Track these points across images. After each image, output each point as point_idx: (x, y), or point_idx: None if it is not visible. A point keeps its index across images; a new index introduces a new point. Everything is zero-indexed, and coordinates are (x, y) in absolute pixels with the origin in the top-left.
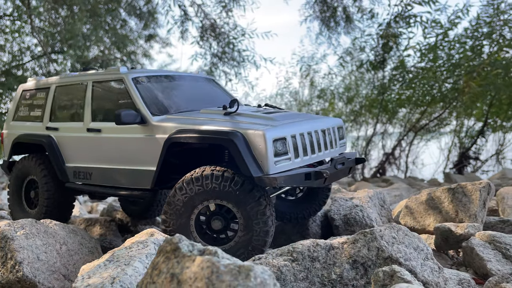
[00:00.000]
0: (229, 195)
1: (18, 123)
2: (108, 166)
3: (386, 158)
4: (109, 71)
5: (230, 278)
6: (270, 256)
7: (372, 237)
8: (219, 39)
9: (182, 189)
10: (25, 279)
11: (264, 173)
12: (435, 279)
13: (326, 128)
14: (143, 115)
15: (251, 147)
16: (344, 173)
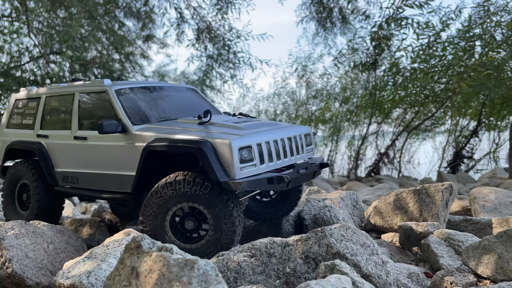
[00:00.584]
0: (200, 198)
1: (11, 131)
2: (93, 171)
3: (380, 157)
4: (94, 83)
5: (177, 269)
6: (232, 252)
7: (323, 235)
8: (215, 41)
9: (158, 193)
10: (14, 275)
11: (230, 178)
12: (378, 272)
13: (293, 135)
14: (124, 125)
15: (219, 155)
16: (308, 177)
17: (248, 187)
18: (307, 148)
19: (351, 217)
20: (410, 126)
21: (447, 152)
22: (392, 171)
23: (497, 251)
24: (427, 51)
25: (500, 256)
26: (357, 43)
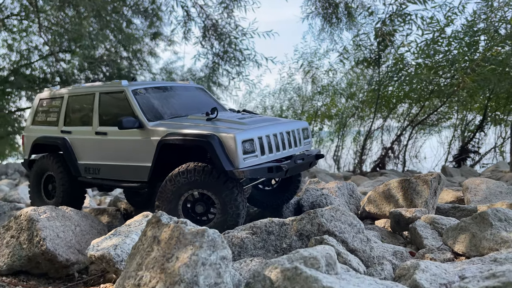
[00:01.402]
0: (209, 185)
1: (36, 127)
2: (113, 163)
3: (385, 152)
4: (113, 84)
5: (191, 236)
6: (236, 230)
7: (315, 215)
8: (221, 38)
9: (172, 181)
10: (47, 252)
11: (235, 167)
12: (363, 247)
13: (291, 130)
14: (141, 121)
15: (225, 147)
16: (305, 167)
17: (250, 175)
18: (305, 141)
19: (347, 205)
20: (415, 121)
21: (453, 147)
22: (397, 165)
23: (472, 231)
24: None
25: (474, 235)
26: (361, 39)
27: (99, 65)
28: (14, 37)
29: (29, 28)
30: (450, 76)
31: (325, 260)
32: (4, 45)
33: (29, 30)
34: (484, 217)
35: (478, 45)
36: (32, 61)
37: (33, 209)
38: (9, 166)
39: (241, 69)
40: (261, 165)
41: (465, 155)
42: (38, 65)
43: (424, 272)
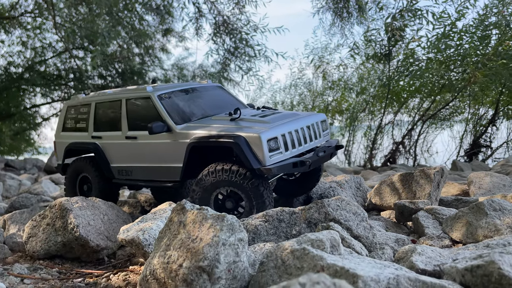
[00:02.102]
0: (236, 184)
1: (67, 134)
2: (145, 165)
3: (396, 147)
4: (138, 90)
5: (212, 220)
6: (250, 219)
7: (322, 205)
8: (232, 34)
9: (202, 180)
10: (80, 238)
11: (262, 165)
12: (366, 234)
13: (311, 124)
14: (169, 125)
15: (251, 147)
16: (326, 158)
17: (277, 172)
18: (324, 133)
19: (355, 197)
20: (426, 115)
21: (465, 141)
22: (408, 160)
23: (468, 219)
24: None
25: (470, 224)
26: (372, 34)
27: (111, 62)
28: (29, 35)
29: (43, 25)
30: (461, 71)
31: (330, 243)
32: (19, 43)
33: (43, 27)
34: (480, 207)
35: (490, 39)
36: (46, 58)
37: (66, 199)
38: (27, 161)
39: (252, 64)
40: (286, 161)
41: (477, 150)
42: (52, 62)
43: (420, 255)
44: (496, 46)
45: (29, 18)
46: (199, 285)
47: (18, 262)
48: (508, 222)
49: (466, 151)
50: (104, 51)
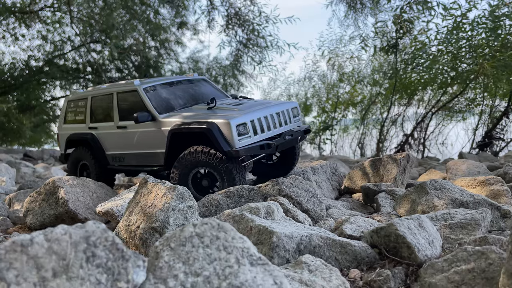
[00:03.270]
0: (212, 165)
1: (68, 126)
2: (135, 152)
3: (405, 139)
4: (127, 84)
5: (165, 190)
6: (214, 194)
7: (277, 182)
8: (244, 26)
9: (183, 159)
10: (70, 211)
11: (231, 148)
12: (314, 208)
13: (280, 110)
14: (153, 115)
15: (222, 132)
16: (294, 142)
17: (245, 153)
18: (295, 119)
19: (329, 181)
20: (436, 107)
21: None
22: (418, 152)
23: (413, 197)
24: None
25: (414, 201)
26: (380, 27)
27: (128, 55)
28: (48, 29)
29: (62, 19)
30: (471, 62)
31: (265, 210)
32: (39, 37)
33: (62, 21)
34: (423, 186)
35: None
36: (65, 52)
37: (58, 178)
38: (45, 152)
39: (265, 55)
40: (254, 144)
41: (490, 142)
42: (71, 56)
43: (351, 224)
44: (504, 38)
45: (48, 13)
46: (152, 242)
47: (18, 232)
48: (444, 199)
49: (478, 143)
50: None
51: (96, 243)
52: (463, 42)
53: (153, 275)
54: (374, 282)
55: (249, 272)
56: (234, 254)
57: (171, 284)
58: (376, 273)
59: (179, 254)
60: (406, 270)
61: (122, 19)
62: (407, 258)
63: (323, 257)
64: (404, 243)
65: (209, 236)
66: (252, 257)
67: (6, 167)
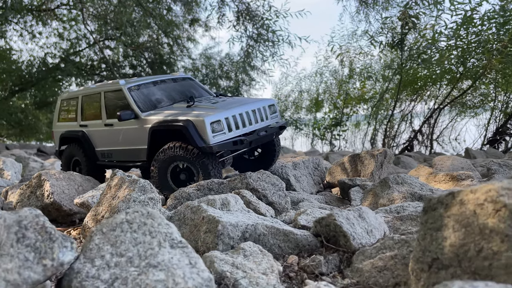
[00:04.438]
0: (189, 160)
1: (62, 124)
2: (120, 148)
3: (414, 135)
4: (113, 84)
5: (128, 183)
6: (186, 188)
7: (244, 177)
8: (254, 21)
9: (162, 152)
10: (54, 203)
11: (206, 144)
12: (279, 201)
13: (257, 108)
14: (136, 113)
15: (197, 129)
16: (269, 137)
17: (218, 149)
18: (272, 115)
19: (311, 176)
20: (444, 103)
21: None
22: (427, 148)
23: (376, 191)
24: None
25: (377, 195)
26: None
27: (141, 52)
28: (65, 26)
29: (78, 17)
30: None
31: (221, 202)
32: (55, 34)
33: (78, 19)
34: (386, 181)
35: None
36: (80, 49)
37: (45, 172)
38: None
39: (275, 50)
40: (228, 140)
41: (501, 138)
42: (86, 53)
43: (307, 215)
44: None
45: (64, 10)
46: None
47: None
48: (404, 193)
49: (488, 139)
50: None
51: (27, 226)
52: (472, 37)
53: (84, 256)
54: (308, 267)
55: (168, 253)
56: (157, 238)
57: (97, 263)
58: (311, 259)
59: (108, 238)
60: (342, 256)
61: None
62: (343, 245)
63: (267, 245)
64: (341, 232)
65: (137, 222)
66: (173, 240)
67: (12, 161)
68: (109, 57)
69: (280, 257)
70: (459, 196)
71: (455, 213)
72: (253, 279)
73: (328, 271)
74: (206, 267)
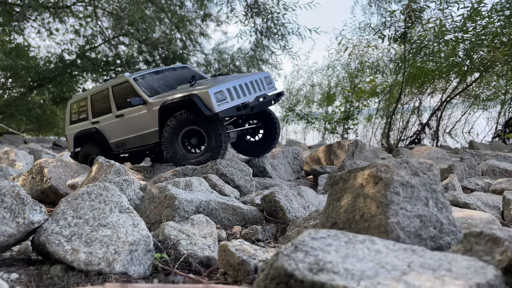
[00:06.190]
0: (199, 123)
1: (73, 126)
2: (134, 135)
3: (421, 128)
4: (119, 78)
5: (106, 167)
6: (163, 173)
7: (215, 163)
8: (263, 14)
9: (172, 121)
10: (52, 187)
11: (212, 112)
12: (245, 184)
13: (254, 79)
14: (144, 98)
15: (203, 100)
16: (268, 103)
17: (224, 115)
18: (268, 86)
19: (290, 165)
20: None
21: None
22: (433, 141)
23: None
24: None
25: None
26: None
27: (154, 47)
28: (81, 23)
29: (93, 14)
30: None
31: (184, 183)
32: (72, 31)
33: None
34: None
35: None
36: (96, 46)
37: (44, 160)
38: None
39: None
40: (232, 107)
41: (510, 130)
42: (102, 49)
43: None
44: None
45: (80, 7)
46: None
47: None
48: None
49: (497, 131)
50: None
51: (5, 193)
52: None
53: (51, 218)
54: (247, 234)
55: (116, 216)
56: (110, 205)
57: (60, 223)
58: (250, 228)
59: (71, 205)
60: (279, 227)
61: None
62: (281, 218)
63: (218, 218)
64: (279, 206)
65: (95, 193)
66: (122, 207)
67: (24, 153)
68: (123, 52)
69: (228, 228)
70: (354, 173)
71: (349, 186)
72: (193, 241)
73: (264, 238)
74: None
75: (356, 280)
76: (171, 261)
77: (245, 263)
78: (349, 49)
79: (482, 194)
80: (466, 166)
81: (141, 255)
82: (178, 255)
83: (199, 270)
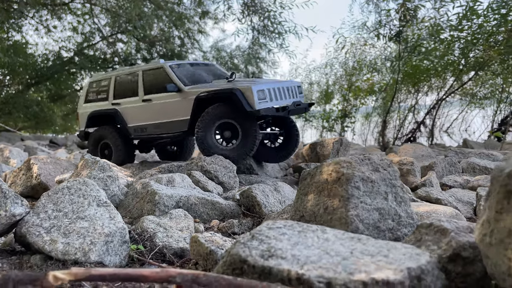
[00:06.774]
0: (236, 116)
1: (88, 104)
2: (157, 122)
3: (417, 126)
4: (153, 63)
5: (91, 163)
6: (150, 170)
7: (200, 160)
8: (260, 13)
9: (210, 111)
10: (42, 183)
11: (253, 109)
12: (229, 180)
13: (289, 86)
14: (179, 86)
15: (245, 95)
16: (301, 110)
17: (264, 113)
18: (300, 95)
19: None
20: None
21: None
22: (430, 139)
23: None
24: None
25: None
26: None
27: (152, 45)
28: (79, 20)
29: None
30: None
31: (167, 179)
32: (70, 28)
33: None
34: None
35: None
36: (94, 43)
37: (35, 157)
38: (69, 139)
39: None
40: (271, 107)
41: (505, 129)
42: (99, 46)
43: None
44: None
45: (78, 4)
46: None
47: None
48: None
49: (493, 130)
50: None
51: None
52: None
53: (33, 211)
54: (224, 228)
55: (94, 210)
56: (88, 199)
57: (41, 216)
58: (227, 221)
59: (52, 198)
60: (255, 220)
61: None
62: (257, 212)
63: (198, 212)
64: (256, 201)
65: (75, 188)
66: (100, 201)
67: (18, 151)
68: (121, 50)
69: (207, 222)
70: (320, 169)
71: (316, 181)
72: (169, 233)
73: (240, 232)
74: (139, 226)
75: (300, 265)
76: (147, 252)
77: (213, 253)
78: (346, 48)
79: (459, 190)
80: (447, 163)
81: (117, 246)
82: (153, 247)
83: (172, 260)
